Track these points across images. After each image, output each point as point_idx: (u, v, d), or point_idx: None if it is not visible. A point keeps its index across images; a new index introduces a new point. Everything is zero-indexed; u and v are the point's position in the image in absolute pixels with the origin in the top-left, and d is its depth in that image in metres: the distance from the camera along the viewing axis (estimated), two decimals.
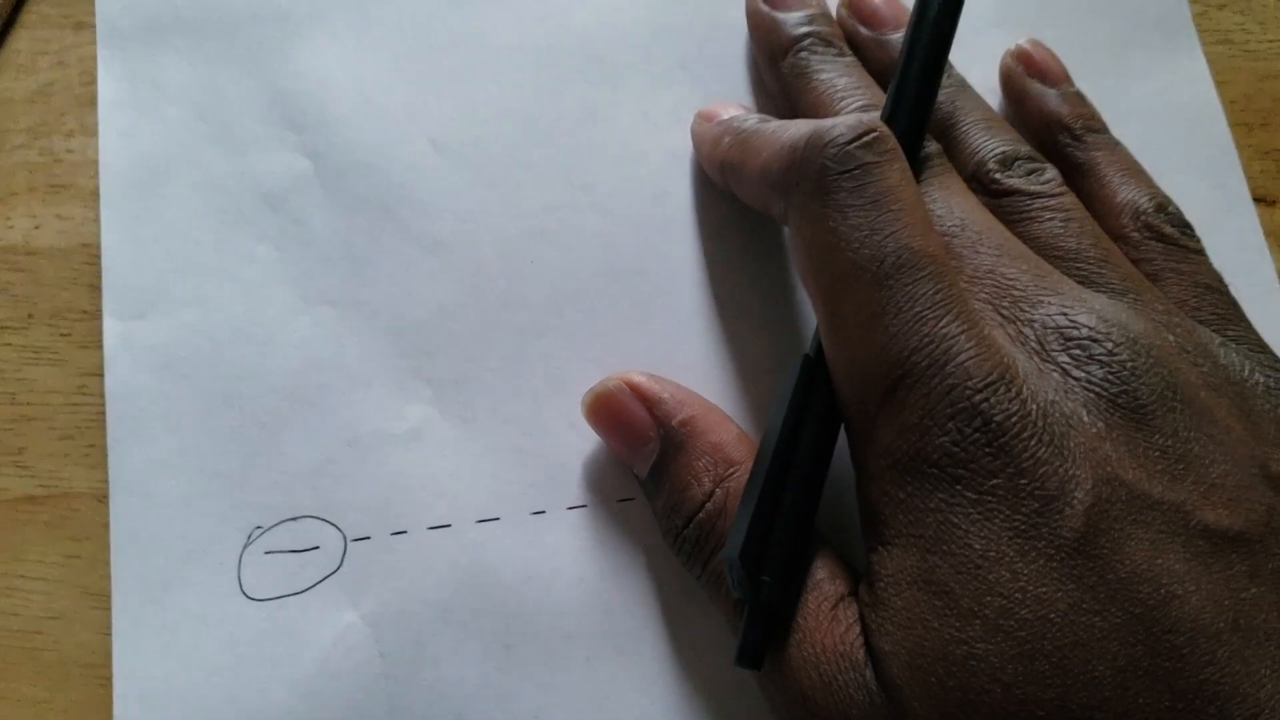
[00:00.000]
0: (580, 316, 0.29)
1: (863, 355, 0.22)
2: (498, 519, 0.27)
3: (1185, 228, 0.26)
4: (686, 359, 0.28)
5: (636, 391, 0.26)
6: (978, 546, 0.20)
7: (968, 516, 0.20)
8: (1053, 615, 0.19)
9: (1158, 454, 0.21)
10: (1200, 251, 0.26)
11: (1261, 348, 0.24)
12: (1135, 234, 0.26)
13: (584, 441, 0.28)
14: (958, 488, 0.20)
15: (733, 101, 0.30)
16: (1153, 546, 0.20)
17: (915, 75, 0.25)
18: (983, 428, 0.20)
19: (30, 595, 0.26)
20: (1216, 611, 0.20)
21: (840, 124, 0.23)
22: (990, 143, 0.27)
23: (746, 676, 0.26)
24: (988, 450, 0.20)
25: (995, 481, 0.20)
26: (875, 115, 0.25)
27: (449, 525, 0.27)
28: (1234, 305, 0.25)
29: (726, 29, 0.31)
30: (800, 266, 0.24)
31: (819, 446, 0.23)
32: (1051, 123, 0.29)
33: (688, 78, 0.31)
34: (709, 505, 0.24)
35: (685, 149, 0.30)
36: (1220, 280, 0.26)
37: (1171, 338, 0.23)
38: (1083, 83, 0.30)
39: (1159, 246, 0.26)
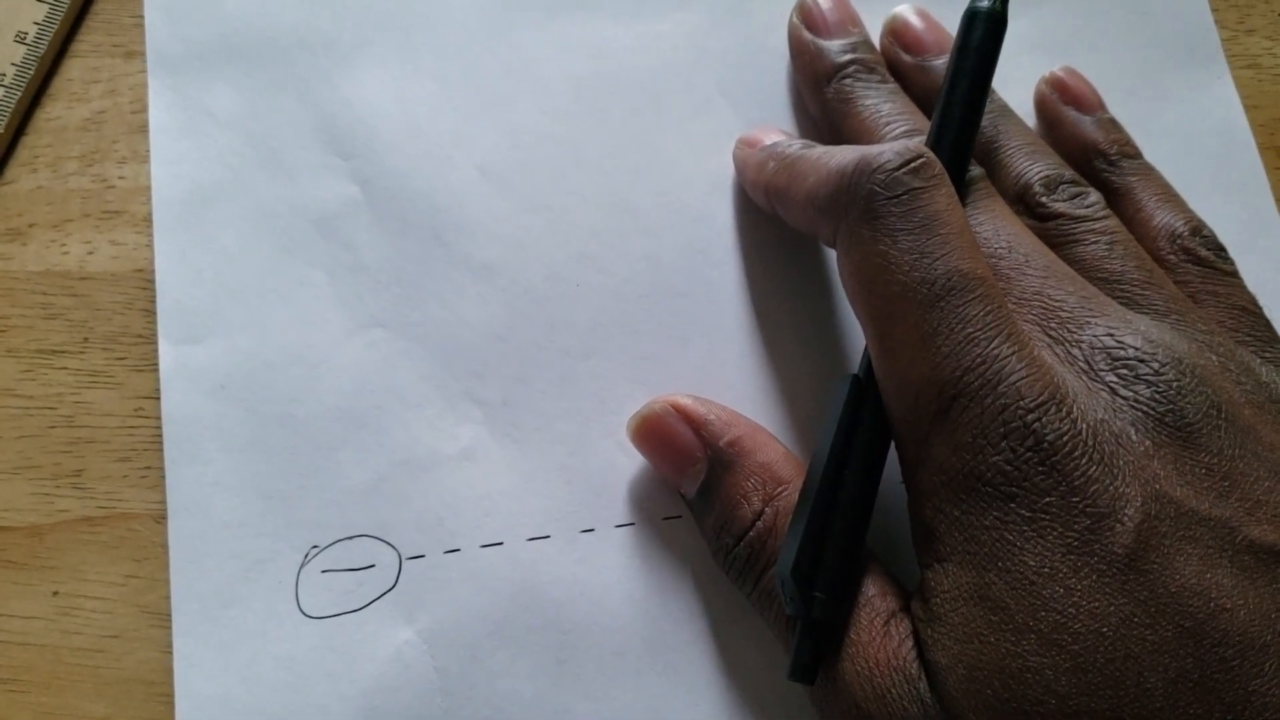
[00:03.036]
0: (626, 338, 0.29)
1: (915, 375, 0.22)
2: (548, 537, 0.28)
3: (1220, 251, 0.27)
4: (730, 379, 0.29)
5: (682, 414, 0.27)
6: (1032, 563, 0.21)
7: (1021, 534, 0.21)
8: (1105, 629, 0.20)
9: (1204, 471, 0.22)
10: (1235, 274, 0.27)
11: None
12: (1172, 257, 0.27)
13: (630, 460, 0.28)
14: (1011, 505, 0.21)
15: (773, 127, 0.31)
16: (1201, 562, 0.20)
17: (960, 100, 0.26)
18: (1035, 447, 0.21)
19: (91, 614, 0.27)
20: (1264, 625, 0.20)
21: (888, 150, 0.24)
22: (1035, 166, 0.28)
23: (793, 691, 0.26)
24: (1040, 469, 0.21)
25: (1048, 499, 0.21)
26: (921, 141, 0.26)
27: (501, 543, 0.27)
28: (1269, 326, 0.26)
29: (764, 54, 0.32)
30: (849, 289, 0.25)
31: (869, 465, 0.24)
32: (1087, 149, 0.29)
33: (728, 103, 0.31)
34: (759, 524, 0.25)
35: (726, 173, 0.31)
36: (1255, 302, 0.27)
37: (1214, 357, 0.24)
38: (1116, 107, 0.31)
39: (1196, 270, 0.27)
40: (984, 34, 0.26)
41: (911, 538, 0.23)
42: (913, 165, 0.24)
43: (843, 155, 0.25)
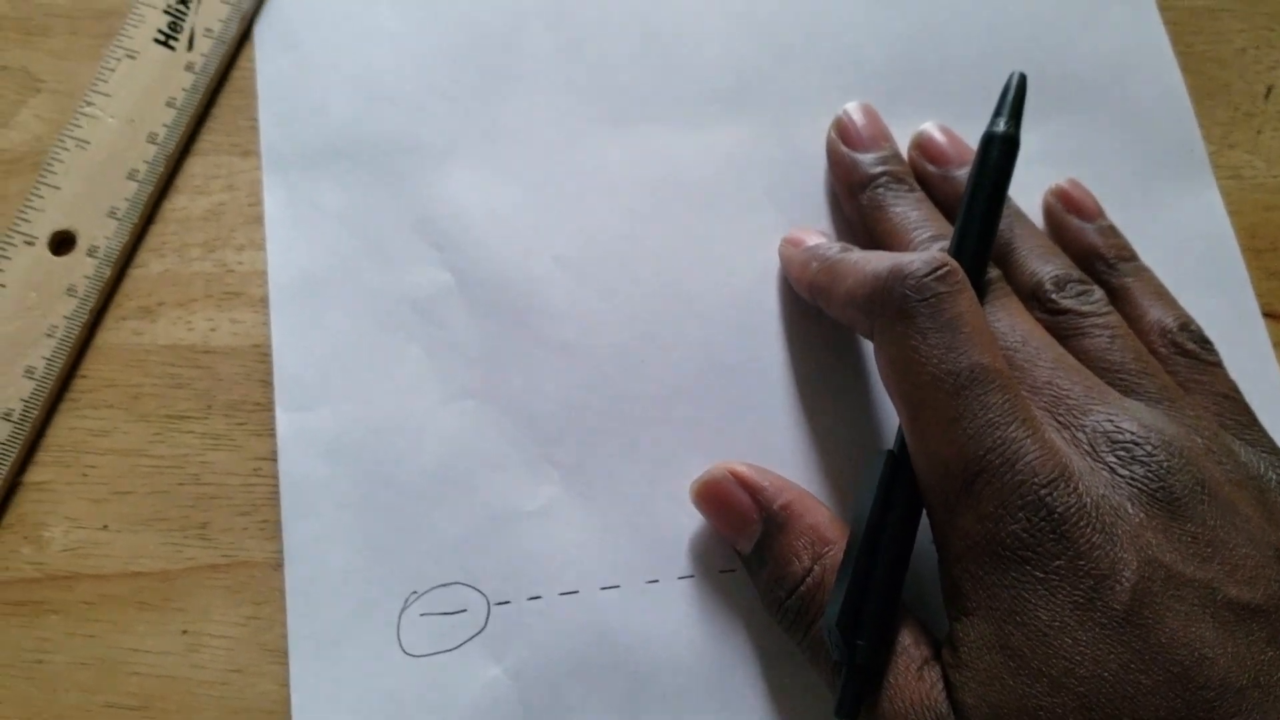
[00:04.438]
0: (685, 410, 0.33)
1: (944, 453, 0.26)
2: (618, 586, 0.31)
3: (1205, 343, 0.31)
4: (778, 448, 0.33)
5: (740, 480, 0.30)
6: (1044, 617, 0.24)
7: (1035, 592, 0.24)
8: (1106, 674, 0.23)
9: (1189, 539, 0.25)
10: (1219, 364, 0.30)
11: (1273, 450, 0.28)
12: (1163, 349, 0.30)
13: (690, 519, 0.32)
14: (1027, 568, 0.24)
15: (814, 228, 0.34)
16: (1187, 617, 0.23)
17: (979, 213, 0.30)
18: (1047, 518, 0.24)
19: (216, 651, 0.30)
20: (1240, 671, 0.23)
21: (918, 259, 0.27)
22: (1045, 267, 0.31)
23: None
24: (1051, 536, 0.24)
25: (1058, 563, 0.24)
26: (945, 247, 0.29)
27: (577, 591, 0.31)
28: (1249, 411, 0.29)
29: (805, 162, 0.36)
30: (885, 376, 0.28)
31: (904, 529, 0.27)
32: (1089, 253, 0.33)
33: (773, 205, 0.35)
34: (809, 579, 0.28)
35: (772, 266, 0.34)
36: (1235, 389, 0.30)
37: (1200, 440, 0.27)
38: (1114, 213, 0.34)
39: (1184, 361, 0.30)
40: (999, 154, 0.30)
41: (942, 594, 0.26)
42: (939, 273, 0.27)
43: (878, 261, 0.28)
